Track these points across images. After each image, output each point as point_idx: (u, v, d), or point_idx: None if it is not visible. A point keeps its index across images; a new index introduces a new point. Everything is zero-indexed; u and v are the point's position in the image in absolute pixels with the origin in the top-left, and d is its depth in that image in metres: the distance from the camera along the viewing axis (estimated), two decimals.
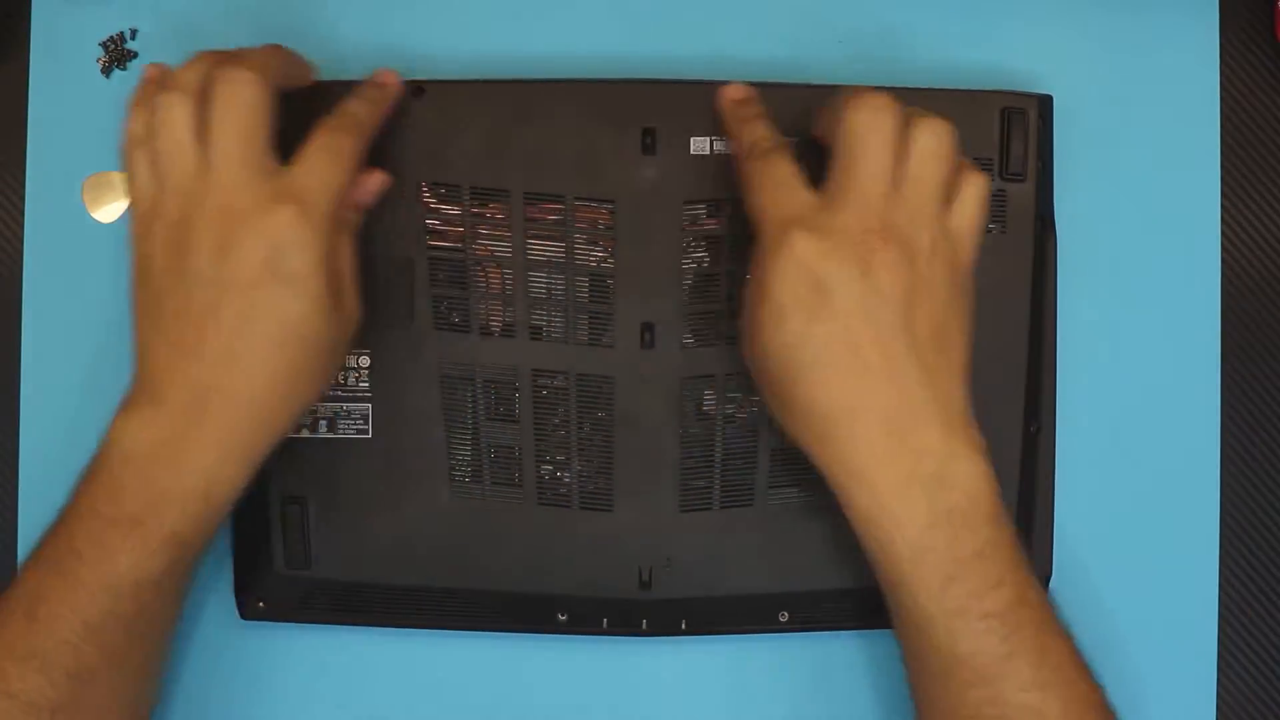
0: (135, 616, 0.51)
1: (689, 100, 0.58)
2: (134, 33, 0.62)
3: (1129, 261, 0.62)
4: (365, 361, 0.58)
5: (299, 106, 0.54)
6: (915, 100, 0.58)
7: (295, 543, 0.58)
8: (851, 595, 0.59)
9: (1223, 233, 0.63)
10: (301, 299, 0.50)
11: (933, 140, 0.51)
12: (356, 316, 0.54)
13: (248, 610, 0.59)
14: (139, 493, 0.50)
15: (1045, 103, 0.60)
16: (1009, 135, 0.58)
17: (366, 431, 0.58)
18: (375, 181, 0.56)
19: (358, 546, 0.58)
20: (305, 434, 0.58)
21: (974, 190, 0.52)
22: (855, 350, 0.49)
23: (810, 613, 0.59)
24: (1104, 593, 0.61)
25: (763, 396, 0.54)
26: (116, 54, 0.62)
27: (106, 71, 0.62)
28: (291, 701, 0.61)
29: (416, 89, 0.58)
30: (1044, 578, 0.60)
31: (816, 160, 0.53)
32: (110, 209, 0.62)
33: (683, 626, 0.59)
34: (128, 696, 0.53)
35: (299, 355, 0.51)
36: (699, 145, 0.58)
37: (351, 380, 0.58)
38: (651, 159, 0.58)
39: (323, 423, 0.58)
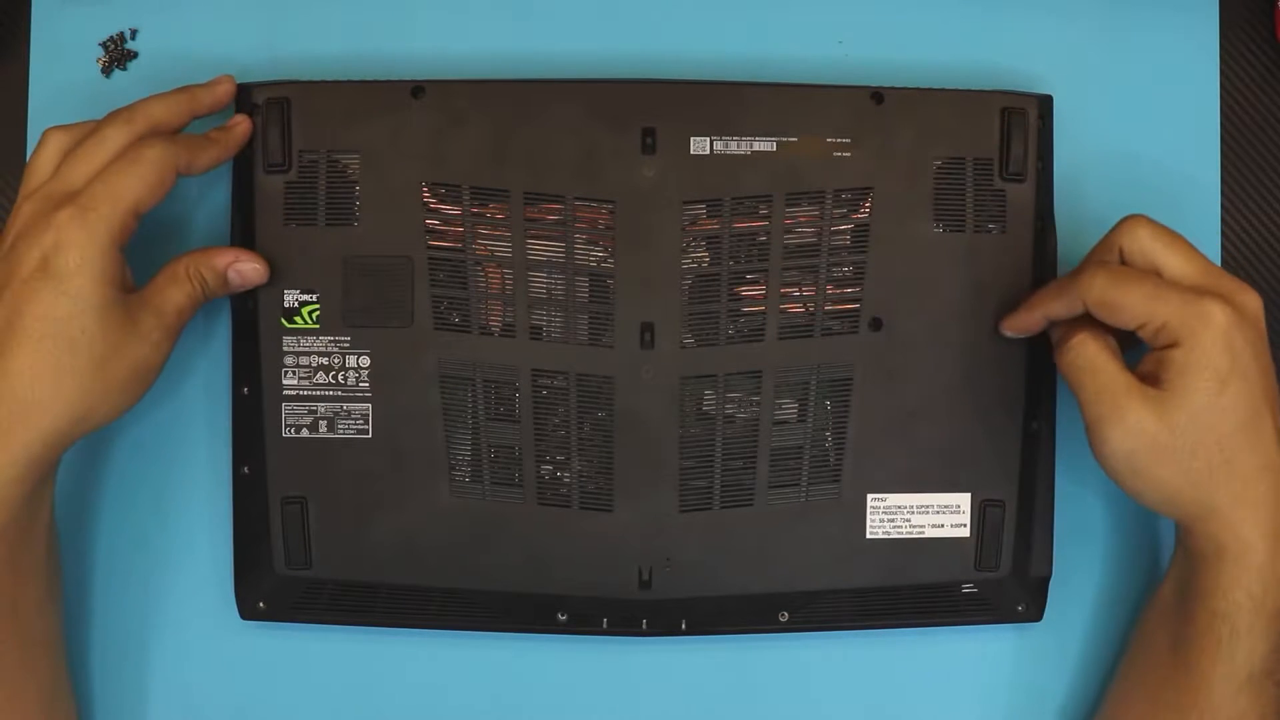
0: None
1: (689, 100, 0.58)
2: (134, 33, 0.62)
3: None
4: (365, 361, 0.58)
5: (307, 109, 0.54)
6: (916, 100, 0.59)
7: (295, 543, 0.58)
8: (851, 595, 0.59)
9: (1223, 232, 0.63)
10: (67, 297, 0.51)
11: None
12: (157, 347, 0.54)
13: (248, 610, 0.59)
14: None
15: (1045, 103, 0.60)
16: (1009, 135, 0.58)
17: (366, 431, 0.58)
18: (250, 269, 0.57)
19: (358, 546, 0.58)
20: (305, 434, 0.58)
21: None
22: (1263, 413, 0.52)
23: (810, 613, 0.59)
24: (1104, 593, 0.61)
25: (1149, 474, 0.53)
26: (116, 54, 0.62)
27: (106, 71, 0.62)
28: (291, 701, 0.61)
29: (416, 89, 0.58)
30: (1044, 578, 0.60)
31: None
32: None
33: (683, 626, 0.59)
34: None
35: (62, 354, 0.51)
36: (699, 145, 0.58)
37: (351, 380, 0.58)
38: (651, 159, 0.58)
39: (323, 423, 0.58)
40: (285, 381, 0.58)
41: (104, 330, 0.52)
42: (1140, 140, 0.62)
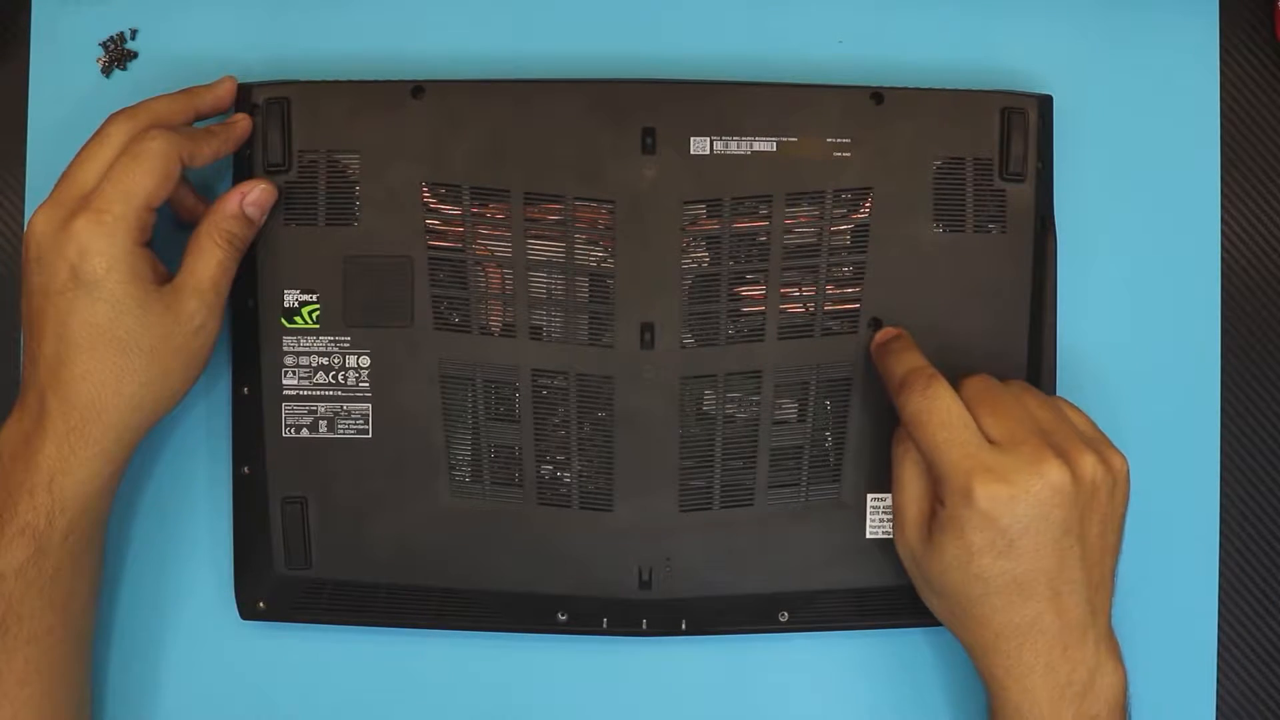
0: (4, 612, 0.53)
1: (689, 100, 0.58)
2: (134, 33, 0.62)
3: (1129, 261, 0.62)
4: (365, 361, 0.58)
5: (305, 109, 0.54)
6: (916, 100, 0.59)
7: (295, 543, 0.58)
8: (851, 595, 0.59)
9: (1223, 232, 0.63)
10: (103, 303, 0.53)
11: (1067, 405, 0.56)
12: (202, 329, 0.55)
13: (248, 610, 0.59)
14: (1, 488, 0.53)
15: (1045, 103, 0.60)
16: (1009, 135, 0.58)
17: (366, 431, 0.58)
18: (257, 192, 0.56)
19: (358, 546, 0.58)
20: (305, 434, 0.58)
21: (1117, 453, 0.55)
22: (1035, 583, 0.53)
23: (810, 613, 0.59)
24: None
25: (923, 594, 0.56)
26: (116, 54, 0.62)
27: (106, 71, 0.62)
28: (291, 701, 0.61)
29: (416, 89, 0.58)
30: None
31: None
32: None
33: (683, 626, 0.59)
34: (20, 702, 0.54)
35: (115, 357, 0.53)
36: (699, 145, 0.58)
37: (351, 380, 0.58)
38: (651, 159, 0.58)
39: (323, 423, 0.58)
40: (285, 381, 0.58)
41: (147, 326, 0.53)
42: (1140, 140, 0.62)
